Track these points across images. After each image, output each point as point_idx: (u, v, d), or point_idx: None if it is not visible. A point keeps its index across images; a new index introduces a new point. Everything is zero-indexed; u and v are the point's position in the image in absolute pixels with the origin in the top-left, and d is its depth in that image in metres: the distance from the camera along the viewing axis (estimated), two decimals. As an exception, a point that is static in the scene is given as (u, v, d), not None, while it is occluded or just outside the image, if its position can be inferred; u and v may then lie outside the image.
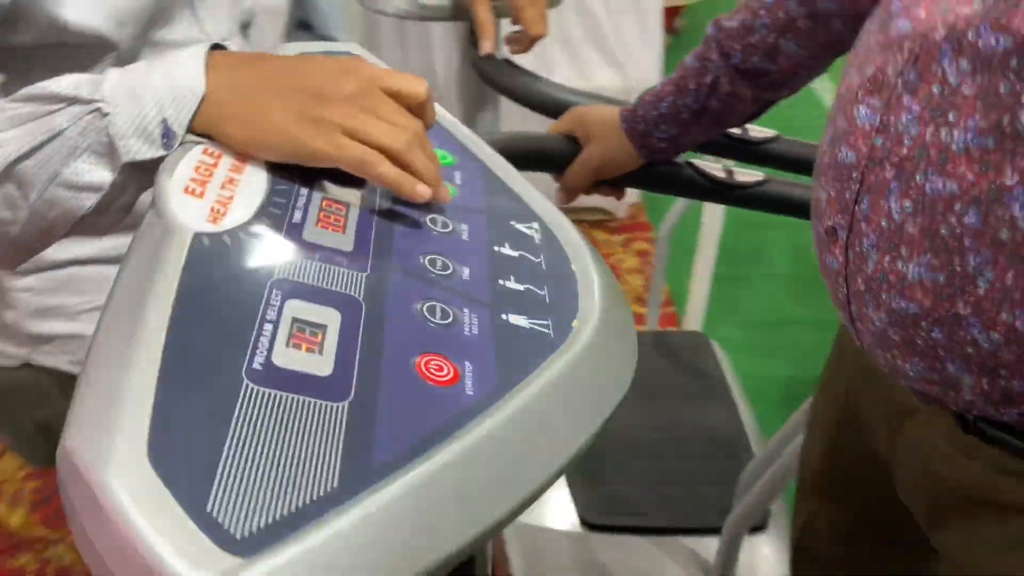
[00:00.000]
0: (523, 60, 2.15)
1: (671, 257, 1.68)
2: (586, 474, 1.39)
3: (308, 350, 0.38)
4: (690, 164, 0.81)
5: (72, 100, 0.48)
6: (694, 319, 1.95)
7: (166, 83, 0.48)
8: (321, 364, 0.38)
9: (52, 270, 0.74)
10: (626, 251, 2.47)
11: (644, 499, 1.37)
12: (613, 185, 0.81)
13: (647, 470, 1.42)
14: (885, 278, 0.52)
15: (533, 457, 0.39)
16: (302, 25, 2.03)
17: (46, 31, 0.64)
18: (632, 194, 2.49)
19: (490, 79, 0.88)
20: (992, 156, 0.45)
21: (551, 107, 0.84)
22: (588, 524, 1.33)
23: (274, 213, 0.46)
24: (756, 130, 0.86)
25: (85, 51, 0.68)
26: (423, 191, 0.48)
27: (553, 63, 2.34)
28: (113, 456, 0.30)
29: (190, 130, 0.48)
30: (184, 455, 0.31)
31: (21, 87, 0.55)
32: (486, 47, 0.87)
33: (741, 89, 0.72)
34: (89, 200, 0.49)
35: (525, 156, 0.79)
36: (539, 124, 0.82)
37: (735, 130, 0.85)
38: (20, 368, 0.80)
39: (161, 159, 0.47)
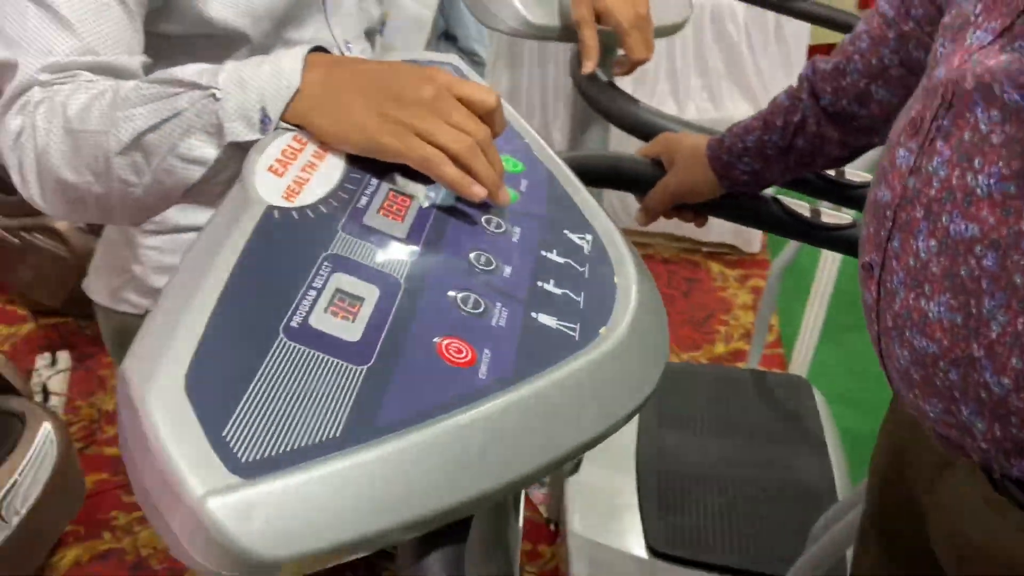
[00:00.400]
0: (658, 88, 2.17)
1: (788, 299, 1.64)
2: (661, 502, 1.38)
3: (343, 317, 0.43)
4: (775, 199, 0.81)
5: (193, 85, 0.55)
6: (800, 363, 1.89)
7: (269, 76, 0.55)
8: (352, 331, 0.43)
9: (175, 233, 0.84)
10: (741, 287, 2.43)
11: (716, 535, 1.36)
12: (695, 212, 0.82)
13: (724, 507, 1.40)
14: (909, 315, 0.52)
15: (526, 446, 0.42)
16: (447, 36, 2.14)
17: (192, 23, 0.73)
18: (759, 232, 2.44)
19: (590, 99, 0.91)
20: (1013, 202, 0.45)
21: (645, 130, 0.86)
22: (655, 551, 1.33)
23: (342, 197, 0.51)
24: (853, 174, 0.85)
25: (223, 42, 0.77)
26: (479, 191, 0.52)
27: (690, 91, 2.35)
28: (154, 381, 0.36)
29: (284, 118, 0.54)
30: (214, 387, 0.37)
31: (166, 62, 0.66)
32: (587, 67, 0.91)
33: (828, 131, 0.73)
34: (197, 172, 0.57)
35: (609, 174, 0.81)
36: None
37: (831, 172, 0.84)
38: (143, 315, 0.90)
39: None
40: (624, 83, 0.95)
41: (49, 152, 0.59)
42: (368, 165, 0.55)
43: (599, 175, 0.81)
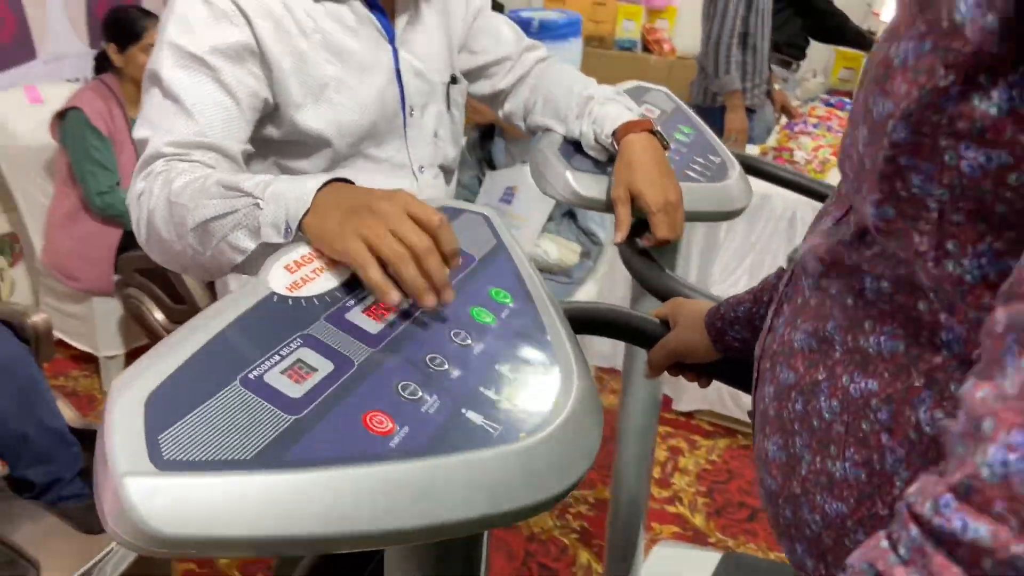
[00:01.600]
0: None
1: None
2: None
3: (295, 380, 0.54)
4: None
5: (248, 194, 0.72)
6: None
7: (295, 195, 0.70)
8: (296, 390, 0.53)
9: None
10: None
11: None
12: (696, 373, 0.87)
13: None
14: (761, 456, 0.55)
15: (401, 509, 0.49)
16: (569, 214, 2.33)
17: (288, 131, 0.98)
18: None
19: (624, 261, 1.01)
20: (813, 355, 0.50)
21: (663, 293, 0.94)
22: None
23: (336, 296, 0.64)
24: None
25: (311, 149, 1.01)
26: (393, 298, 0.62)
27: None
28: (125, 392, 0.48)
29: (300, 228, 0.69)
30: (166, 405, 0.48)
31: (268, 165, 0.96)
32: (618, 238, 1.03)
33: None
34: (238, 258, 0.74)
35: (620, 326, 0.89)
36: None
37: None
38: None
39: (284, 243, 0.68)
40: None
41: (154, 213, 0.81)
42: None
43: (611, 326, 0.90)
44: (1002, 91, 0.37)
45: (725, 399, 2.40)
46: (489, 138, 2.34)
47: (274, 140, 0.99)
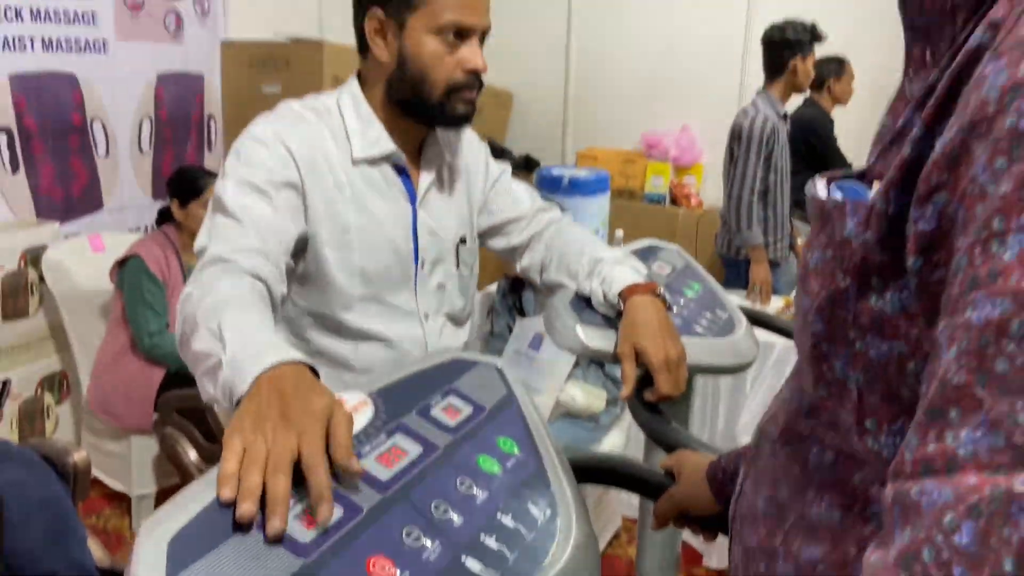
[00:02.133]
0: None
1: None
2: None
3: (305, 525, 0.58)
4: None
5: (224, 347, 0.80)
6: None
7: (240, 374, 0.74)
8: (307, 535, 0.57)
9: None
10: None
11: None
12: (702, 527, 0.89)
13: None
14: None
15: None
16: (595, 361, 2.37)
17: (312, 267, 1.13)
18: None
19: (634, 414, 1.05)
20: (770, 520, 0.54)
21: (669, 445, 0.97)
22: None
23: (355, 443, 0.68)
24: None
25: (328, 285, 1.14)
26: (224, 493, 0.58)
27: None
28: (151, 535, 0.53)
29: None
30: (186, 548, 0.53)
31: (292, 296, 1.11)
32: (624, 392, 1.08)
33: None
34: (205, 396, 0.82)
35: (626, 477, 0.92)
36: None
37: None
38: None
39: None
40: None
41: (186, 320, 0.90)
42: (389, 418, 0.72)
43: (618, 476, 0.92)
44: (892, 293, 0.42)
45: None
46: (520, 288, 2.44)
47: (298, 274, 1.14)
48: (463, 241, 1.30)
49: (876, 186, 0.44)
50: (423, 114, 1.18)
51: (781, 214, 3.01)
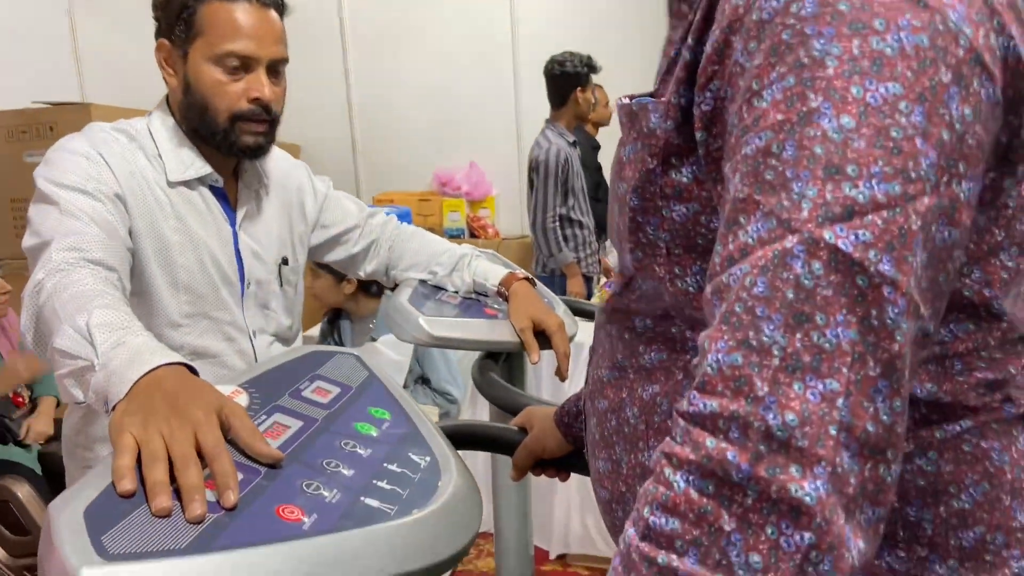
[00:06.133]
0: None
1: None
2: None
3: (211, 487, 0.62)
4: None
5: (94, 349, 0.79)
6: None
7: (120, 378, 0.74)
8: (213, 495, 0.61)
9: None
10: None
11: None
12: (556, 468, 1.00)
13: None
14: (595, 477, 0.69)
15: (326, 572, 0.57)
16: (423, 380, 2.46)
17: (138, 285, 1.13)
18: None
19: (482, 390, 1.17)
20: (616, 382, 0.67)
21: (519, 409, 1.08)
22: None
23: (235, 424, 0.72)
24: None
25: (156, 303, 1.16)
26: (124, 486, 0.58)
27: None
28: (65, 509, 0.55)
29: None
30: (102, 515, 0.55)
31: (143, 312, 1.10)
32: (534, 358, 1.24)
33: None
34: (66, 396, 0.83)
35: (486, 439, 1.01)
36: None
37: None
38: None
39: None
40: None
41: (77, 312, 0.86)
42: (264, 402, 0.76)
43: (478, 439, 1.02)
44: (687, 168, 0.56)
45: (596, 540, 2.48)
46: (337, 320, 2.48)
47: (137, 293, 1.13)
48: (285, 262, 1.35)
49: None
50: (212, 142, 1.20)
51: (588, 231, 3.31)
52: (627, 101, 0.60)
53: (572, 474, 0.99)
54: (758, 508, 0.40)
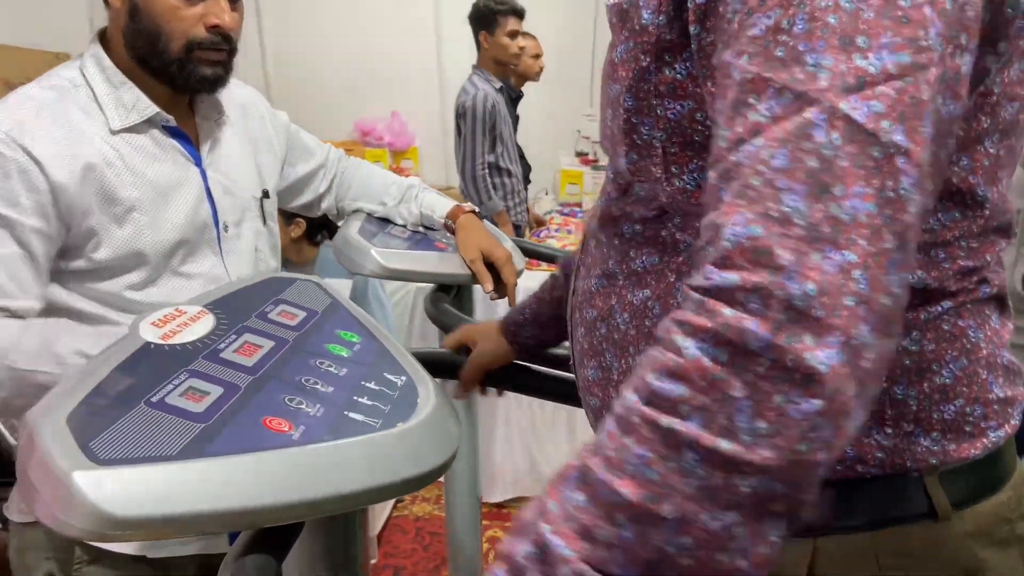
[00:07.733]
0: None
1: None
2: None
3: (192, 400, 0.60)
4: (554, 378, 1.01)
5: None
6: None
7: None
8: (197, 407, 0.59)
9: None
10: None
11: None
12: (499, 382, 1.03)
13: None
14: (584, 386, 0.70)
15: (311, 483, 0.56)
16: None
17: (103, 256, 1.02)
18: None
19: (434, 319, 1.19)
20: (605, 290, 0.67)
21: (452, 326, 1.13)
22: None
23: (207, 342, 0.70)
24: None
25: (123, 269, 1.05)
26: None
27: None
28: (46, 415, 0.52)
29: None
30: (87, 423, 0.53)
31: (97, 287, 1.00)
32: (487, 287, 1.26)
33: None
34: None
35: (428, 365, 1.01)
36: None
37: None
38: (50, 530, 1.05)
39: None
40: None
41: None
42: (232, 323, 0.74)
43: (434, 364, 1.02)
44: (680, 64, 0.56)
45: (534, 486, 2.53)
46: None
47: (86, 270, 1.02)
48: (266, 195, 1.24)
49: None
50: (164, 75, 1.07)
51: (516, 180, 3.26)
52: (618, 0, 0.60)
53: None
54: (770, 376, 0.41)
